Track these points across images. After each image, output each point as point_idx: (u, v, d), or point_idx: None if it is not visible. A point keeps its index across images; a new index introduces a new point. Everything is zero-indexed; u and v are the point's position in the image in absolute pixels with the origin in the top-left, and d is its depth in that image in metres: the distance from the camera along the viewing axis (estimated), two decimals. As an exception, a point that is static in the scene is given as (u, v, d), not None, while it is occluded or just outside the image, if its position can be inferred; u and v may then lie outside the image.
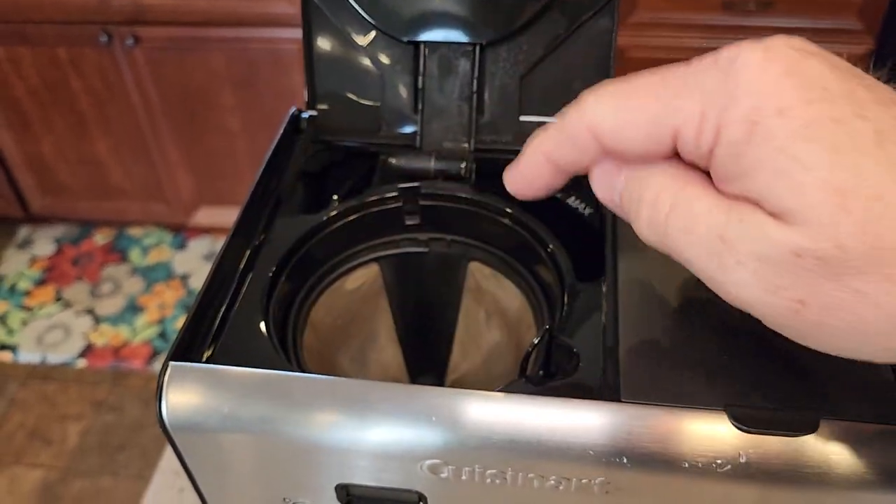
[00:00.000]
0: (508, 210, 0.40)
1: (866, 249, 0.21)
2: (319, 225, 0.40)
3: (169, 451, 0.74)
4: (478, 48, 0.42)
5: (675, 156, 0.25)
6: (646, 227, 0.26)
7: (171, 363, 0.31)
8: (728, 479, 0.28)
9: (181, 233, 2.21)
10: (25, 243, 2.12)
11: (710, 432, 0.28)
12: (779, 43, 0.23)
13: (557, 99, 0.43)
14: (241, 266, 0.37)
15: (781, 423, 0.28)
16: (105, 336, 1.82)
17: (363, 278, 0.43)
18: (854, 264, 0.21)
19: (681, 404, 0.29)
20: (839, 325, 0.22)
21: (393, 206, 0.42)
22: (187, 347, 0.33)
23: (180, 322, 1.87)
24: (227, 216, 2.04)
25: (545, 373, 0.34)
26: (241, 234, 0.38)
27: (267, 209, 0.41)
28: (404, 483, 0.32)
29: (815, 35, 1.06)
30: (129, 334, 1.83)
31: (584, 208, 0.43)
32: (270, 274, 0.37)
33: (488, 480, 0.30)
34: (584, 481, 0.30)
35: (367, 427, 0.30)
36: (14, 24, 1.77)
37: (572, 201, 0.43)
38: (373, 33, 0.43)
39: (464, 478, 0.30)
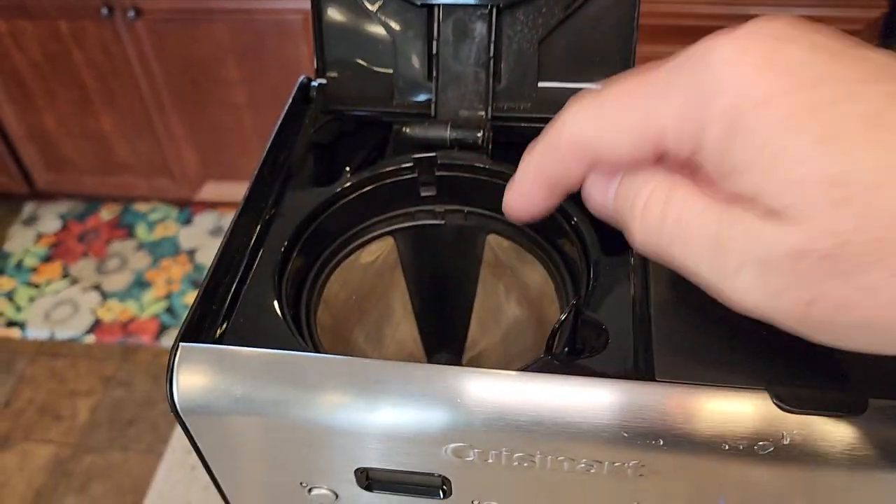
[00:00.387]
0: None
1: (870, 242, 0.19)
2: (332, 197, 0.39)
3: (179, 430, 0.73)
4: (494, 10, 0.40)
5: (665, 160, 0.24)
6: (640, 236, 0.25)
7: (182, 344, 0.30)
8: (770, 461, 0.27)
9: (187, 208, 2.20)
10: (31, 220, 2.11)
11: (751, 412, 0.27)
12: (753, 30, 0.22)
13: (578, 64, 0.42)
14: (252, 241, 0.36)
15: (828, 402, 0.26)
16: (113, 312, 1.81)
17: (378, 252, 0.41)
18: (859, 260, 0.19)
19: (719, 383, 0.27)
20: (852, 321, 0.21)
21: (408, 176, 0.40)
22: (197, 327, 0.31)
23: (188, 297, 1.86)
24: (233, 191, 2.03)
25: (571, 350, 0.33)
26: (250, 209, 0.37)
27: (277, 182, 0.39)
28: (427, 466, 0.30)
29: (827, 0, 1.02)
30: (137, 310, 1.82)
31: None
32: (282, 249, 0.36)
33: (515, 463, 0.29)
34: (616, 464, 0.28)
35: (387, 409, 0.29)
36: (14, -4, 1.75)
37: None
38: (384, -5, 0.41)
39: (490, 461, 0.29)
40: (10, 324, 1.80)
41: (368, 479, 0.32)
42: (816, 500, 0.28)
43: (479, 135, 0.41)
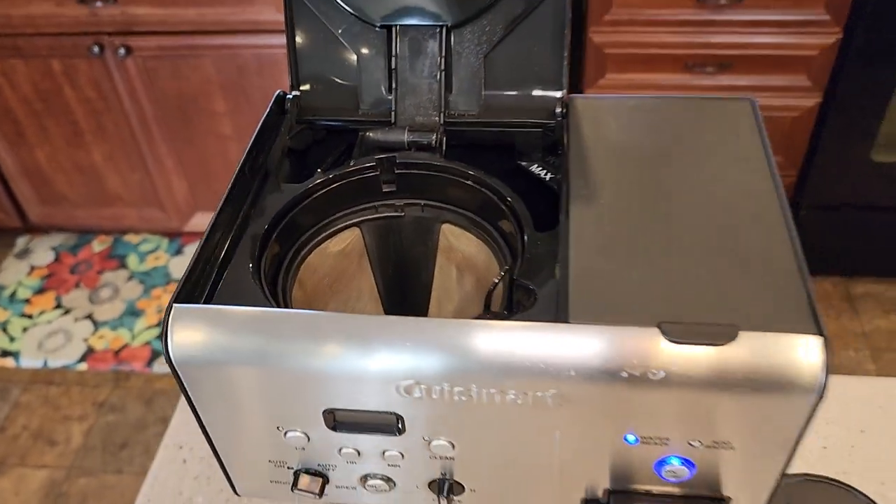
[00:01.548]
0: (472, 173, 0.44)
1: None
2: (304, 193, 0.45)
3: (172, 429, 0.78)
4: (444, 30, 0.47)
5: None
6: None
7: (175, 305, 0.36)
8: (662, 386, 0.33)
9: (177, 238, 2.25)
10: (24, 253, 2.16)
11: (645, 346, 0.33)
12: None
13: (519, 74, 0.48)
14: (234, 229, 0.42)
15: (705, 334, 0.32)
16: (105, 339, 1.86)
17: (346, 241, 0.47)
18: None
19: (620, 324, 0.33)
20: None
21: (371, 174, 0.46)
22: (189, 293, 0.37)
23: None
24: (222, 220, 2.08)
25: (507, 310, 0.39)
26: (231, 203, 0.42)
27: (255, 182, 0.45)
28: (383, 405, 0.36)
29: (785, 27, 1.14)
30: (129, 338, 1.87)
31: (546, 174, 0.47)
32: (261, 236, 0.41)
33: (456, 398, 0.35)
34: (538, 394, 0.34)
35: (348, 353, 0.34)
36: (6, 37, 1.81)
37: (536, 168, 0.48)
38: (349, 20, 0.48)
39: (434, 397, 0.35)
40: (4, 353, 1.84)
41: (335, 421, 0.37)
42: (703, 419, 0.34)
43: (434, 137, 0.47)
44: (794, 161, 1.90)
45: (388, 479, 0.40)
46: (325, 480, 0.41)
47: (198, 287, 0.38)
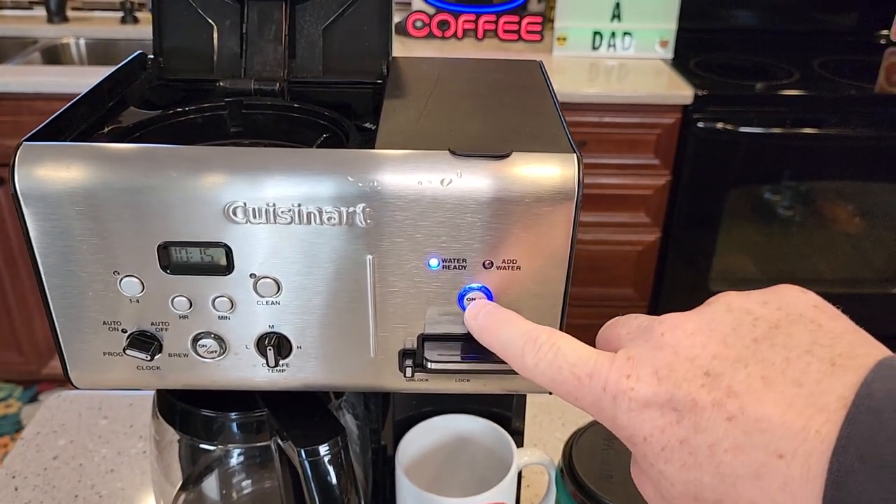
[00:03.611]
0: (311, 108, 0.51)
1: None
2: (158, 117, 0.50)
3: (8, 459, 0.75)
4: (287, 2, 0.55)
5: None
6: None
7: (25, 143, 0.40)
8: (452, 193, 0.39)
9: (33, 386, 2.14)
10: None
11: (437, 161, 0.39)
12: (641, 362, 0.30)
13: (351, 46, 0.57)
14: (88, 120, 0.46)
15: (486, 151, 0.40)
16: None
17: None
18: None
19: (418, 149, 0.40)
20: None
21: (220, 113, 0.52)
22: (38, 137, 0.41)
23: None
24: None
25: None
26: (86, 104, 0.47)
27: (112, 102, 0.50)
28: (212, 236, 0.40)
29: (622, 170, 1.35)
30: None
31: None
32: (113, 137, 0.46)
33: (279, 220, 0.39)
34: (350, 209, 0.39)
35: (181, 179, 0.39)
36: None
37: (367, 124, 0.55)
38: (207, -5, 0.56)
39: (259, 219, 0.39)
40: None
41: (169, 260, 0.41)
42: (490, 234, 0.40)
43: (276, 86, 0.54)
44: (644, 293, 2.07)
45: (218, 339, 0.43)
46: (158, 345, 0.43)
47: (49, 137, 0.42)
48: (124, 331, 0.43)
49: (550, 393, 0.34)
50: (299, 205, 0.39)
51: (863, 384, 0.24)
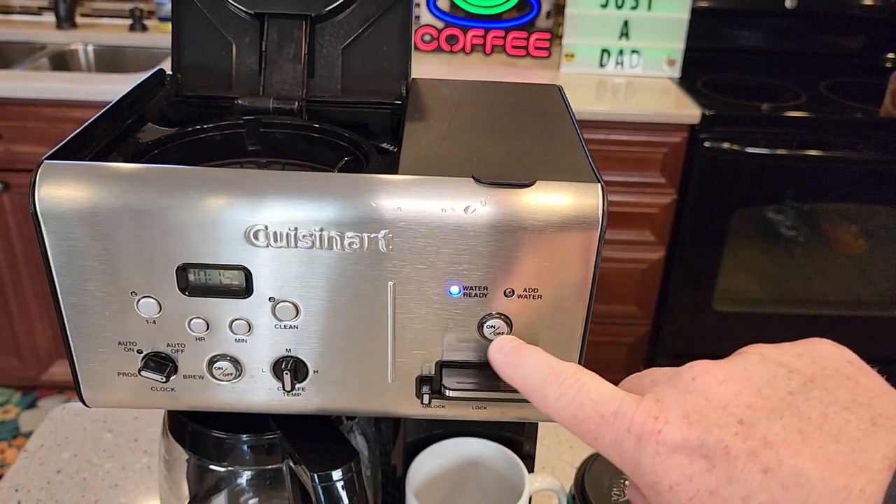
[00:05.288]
0: (330, 129, 0.51)
1: None
2: (175, 134, 0.50)
3: (11, 471, 0.74)
4: (308, 21, 0.55)
5: None
6: None
7: (46, 161, 0.39)
8: (476, 220, 0.39)
9: (32, 392, 2.13)
10: None
11: (459, 188, 0.39)
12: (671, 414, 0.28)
13: (371, 66, 0.57)
14: (107, 140, 0.46)
15: (509, 179, 0.39)
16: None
17: (211, 186, 0.52)
18: None
19: (442, 175, 0.40)
20: None
21: (238, 131, 0.52)
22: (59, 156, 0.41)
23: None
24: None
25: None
26: (107, 120, 0.47)
27: (131, 119, 0.50)
28: (232, 258, 0.40)
29: (628, 188, 1.35)
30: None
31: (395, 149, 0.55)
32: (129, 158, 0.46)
33: (300, 245, 0.39)
34: (372, 235, 0.39)
35: (199, 204, 0.39)
36: None
37: (385, 145, 0.55)
38: (226, 12, 0.56)
39: (280, 244, 0.39)
40: None
41: (187, 282, 0.40)
42: (513, 263, 0.40)
43: (295, 106, 0.54)
44: (648, 311, 2.07)
45: (234, 361, 0.43)
46: (174, 367, 0.43)
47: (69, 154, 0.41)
48: (140, 351, 0.43)
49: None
50: (321, 229, 0.39)
51: None
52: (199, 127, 0.51)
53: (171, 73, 0.56)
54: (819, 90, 1.99)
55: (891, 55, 2.23)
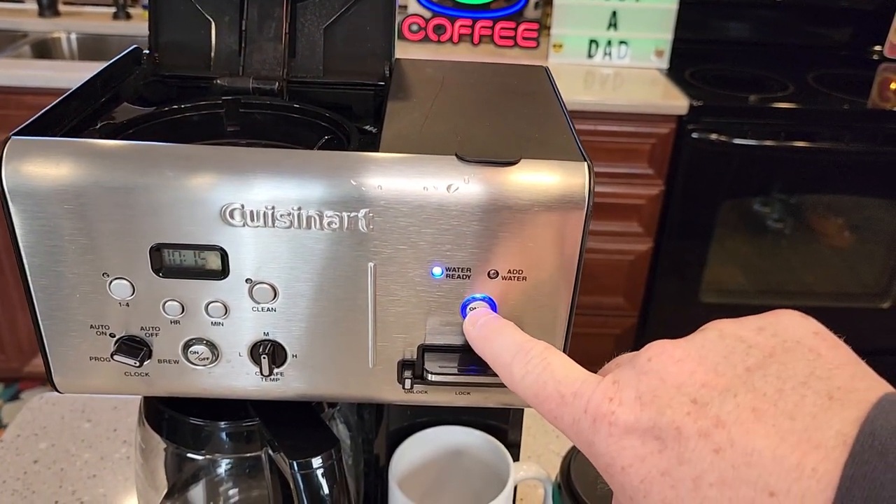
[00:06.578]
0: (310, 109, 0.50)
1: None
2: (152, 114, 0.48)
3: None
4: (288, 1, 0.54)
5: None
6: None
7: (14, 137, 0.38)
8: (460, 199, 0.38)
9: (14, 384, 2.11)
10: None
11: (442, 166, 0.38)
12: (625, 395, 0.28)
13: (353, 47, 0.56)
14: (79, 116, 0.45)
15: (494, 157, 0.38)
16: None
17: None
18: None
19: (422, 153, 0.39)
20: None
21: (217, 111, 0.51)
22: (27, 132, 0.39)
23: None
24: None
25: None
26: (78, 98, 0.46)
27: (105, 97, 0.49)
28: (207, 238, 0.38)
29: (615, 179, 1.34)
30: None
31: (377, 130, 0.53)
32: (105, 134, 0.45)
33: (277, 224, 0.38)
34: (352, 215, 0.38)
35: (172, 183, 0.37)
36: None
37: (368, 127, 0.54)
38: (206, -10, 0.54)
39: (257, 222, 0.38)
40: None
41: (161, 263, 0.39)
42: (496, 243, 0.39)
43: (276, 85, 0.53)
44: (635, 303, 2.06)
45: (211, 345, 0.41)
46: (148, 351, 0.42)
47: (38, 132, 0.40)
48: (112, 335, 0.41)
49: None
50: (299, 208, 0.38)
51: (865, 421, 0.22)
52: (176, 107, 0.49)
53: (147, 51, 0.55)
54: (807, 82, 1.99)
55: (878, 47, 2.23)
